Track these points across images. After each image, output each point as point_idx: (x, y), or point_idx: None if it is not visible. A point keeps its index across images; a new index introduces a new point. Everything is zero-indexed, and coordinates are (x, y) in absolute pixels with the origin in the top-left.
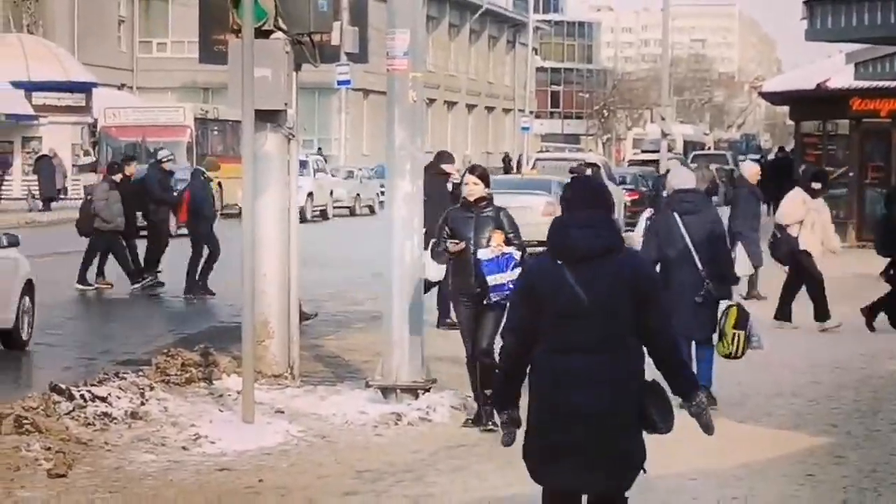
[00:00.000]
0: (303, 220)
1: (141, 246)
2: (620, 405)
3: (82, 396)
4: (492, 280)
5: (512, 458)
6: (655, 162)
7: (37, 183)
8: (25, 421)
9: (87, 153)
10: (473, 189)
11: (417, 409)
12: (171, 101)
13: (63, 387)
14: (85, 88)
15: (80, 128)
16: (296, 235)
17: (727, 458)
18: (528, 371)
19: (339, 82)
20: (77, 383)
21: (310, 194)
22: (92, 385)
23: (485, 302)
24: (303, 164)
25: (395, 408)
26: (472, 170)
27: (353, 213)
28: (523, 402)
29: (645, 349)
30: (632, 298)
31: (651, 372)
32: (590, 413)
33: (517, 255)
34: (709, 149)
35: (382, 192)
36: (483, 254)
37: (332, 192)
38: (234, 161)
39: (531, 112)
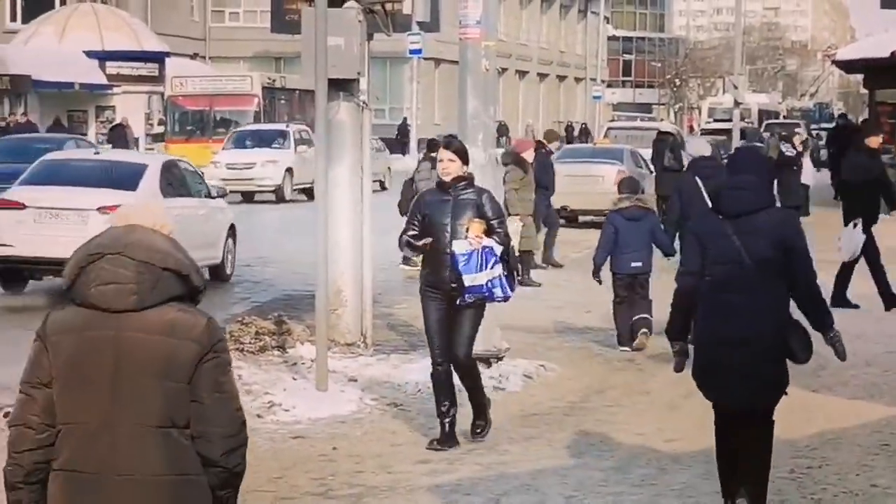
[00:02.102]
0: (280, 199)
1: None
2: (767, 336)
3: None
4: (468, 279)
5: (583, 426)
6: (728, 131)
7: None
8: None
9: (160, 122)
10: (448, 167)
11: (490, 377)
12: (243, 70)
13: None
14: (158, 58)
15: (154, 97)
16: (368, 204)
17: (801, 428)
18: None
19: (411, 51)
20: None
21: (288, 170)
22: None
23: (458, 302)
24: (282, 135)
25: None
26: (447, 144)
27: None
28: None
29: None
30: (778, 247)
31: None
32: (743, 341)
33: (498, 248)
34: (783, 118)
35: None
36: (458, 247)
37: None
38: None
39: (603, 81)
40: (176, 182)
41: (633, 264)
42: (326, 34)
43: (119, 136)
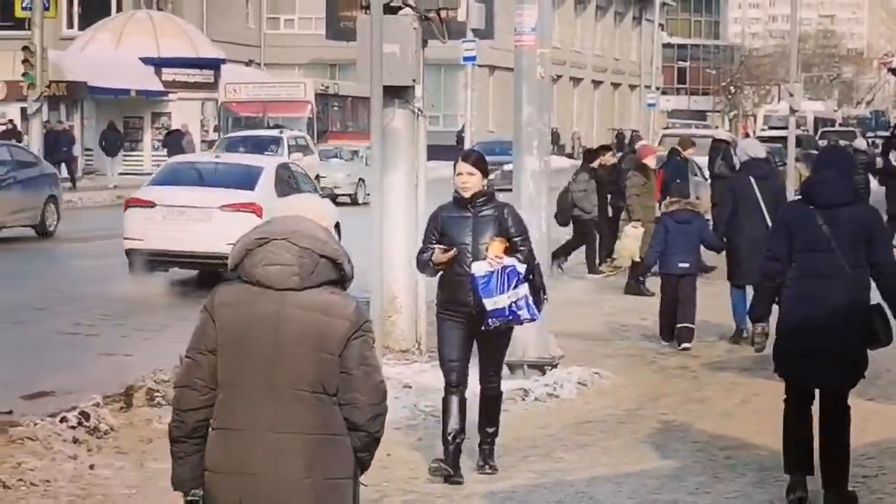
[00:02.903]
0: None
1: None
2: (851, 321)
3: None
4: (489, 303)
5: (638, 434)
6: (783, 139)
7: (166, 158)
8: (157, 393)
9: (216, 129)
10: (468, 181)
11: (544, 384)
12: (298, 77)
13: None
14: (213, 64)
15: (208, 104)
16: (423, 210)
17: (857, 437)
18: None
19: (466, 58)
20: None
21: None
22: None
23: (483, 328)
24: (275, 142)
25: (522, 383)
26: (466, 156)
27: (354, 201)
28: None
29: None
30: (862, 238)
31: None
32: (830, 324)
33: (521, 268)
34: (839, 125)
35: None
36: (477, 268)
37: (318, 177)
38: (353, 137)
39: (657, 88)
40: (288, 182)
41: (681, 265)
42: (382, 41)
43: (175, 141)
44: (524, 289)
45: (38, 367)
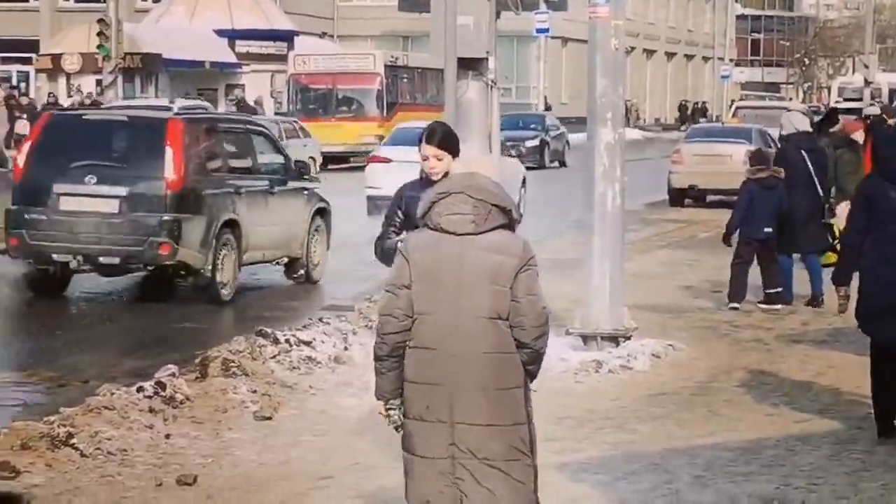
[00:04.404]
0: None
1: None
2: None
3: (287, 341)
4: None
5: (712, 406)
6: (858, 111)
7: None
8: (232, 364)
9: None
10: (436, 167)
11: (618, 356)
12: (371, 49)
13: (269, 331)
14: (286, 37)
15: (278, 76)
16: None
17: None
18: None
19: (538, 30)
20: (282, 328)
21: None
22: (297, 330)
23: None
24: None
25: (596, 355)
26: (430, 136)
27: None
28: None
29: None
30: None
31: None
32: None
33: None
34: None
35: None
36: None
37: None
38: (422, 109)
39: (731, 60)
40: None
41: (766, 230)
42: (456, 13)
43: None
44: None
45: (114, 336)
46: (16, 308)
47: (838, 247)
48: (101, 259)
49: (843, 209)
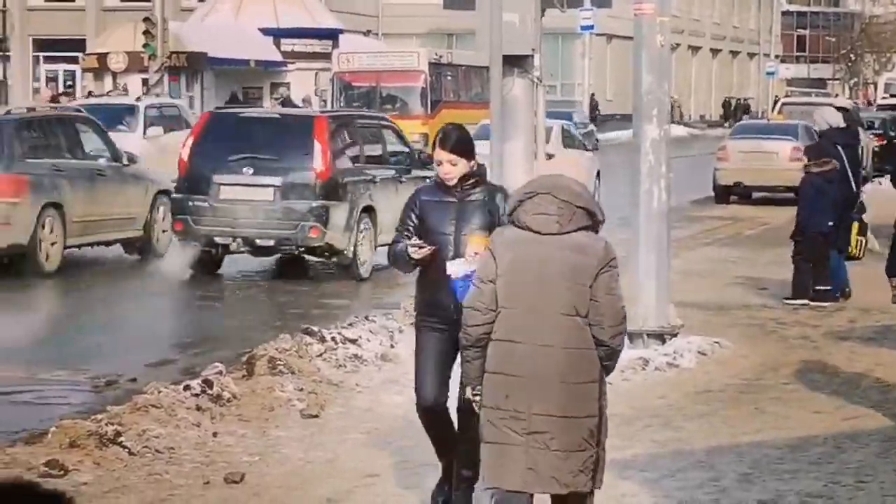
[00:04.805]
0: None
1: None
2: None
3: (333, 339)
4: None
5: (759, 404)
6: None
7: None
8: (279, 362)
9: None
10: (451, 172)
11: (664, 354)
12: (416, 46)
13: (315, 329)
14: (331, 35)
15: (322, 74)
16: None
17: None
18: None
19: (583, 27)
20: (329, 326)
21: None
22: (343, 328)
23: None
24: (130, 112)
25: (642, 353)
26: (444, 140)
27: None
28: None
29: None
30: None
31: None
32: None
33: None
34: None
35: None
36: (454, 268)
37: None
38: (466, 107)
39: (776, 56)
40: (570, 139)
41: (830, 223)
42: (501, 10)
43: None
44: None
45: (162, 334)
46: (58, 306)
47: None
48: (257, 241)
49: None
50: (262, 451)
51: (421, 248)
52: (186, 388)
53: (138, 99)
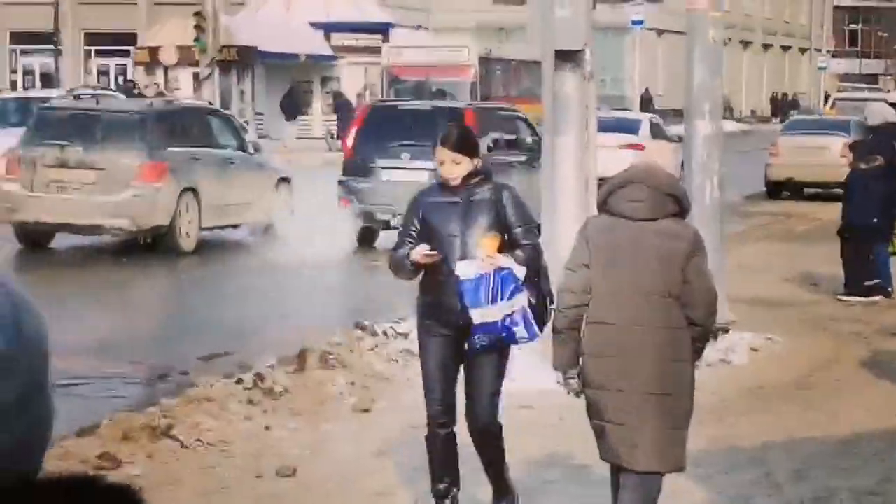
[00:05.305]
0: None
1: None
2: None
3: (385, 333)
4: (477, 315)
5: (811, 400)
6: None
7: (335, 123)
8: (330, 356)
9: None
10: (453, 171)
11: (717, 350)
12: (466, 41)
13: (366, 323)
14: (382, 29)
15: (371, 68)
16: (594, 176)
17: None
18: None
19: (633, 21)
20: (380, 320)
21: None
22: (394, 322)
23: (467, 346)
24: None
25: None
26: (445, 139)
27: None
28: None
29: None
30: None
31: None
32: None
33: (520, 271)
34: None
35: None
36: (463, 270)
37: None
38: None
39: (828, 52)
40: (659, 130)
41: (875, 219)
42: (554, 4)
43: (344, 106)
44: (522, 298)
45: (214, 328)
46: (102, 296)
47: None
48: None
49: None
50: (314, 444)
51: (430, 254)
52: (238, 381)
53: (71, 91)
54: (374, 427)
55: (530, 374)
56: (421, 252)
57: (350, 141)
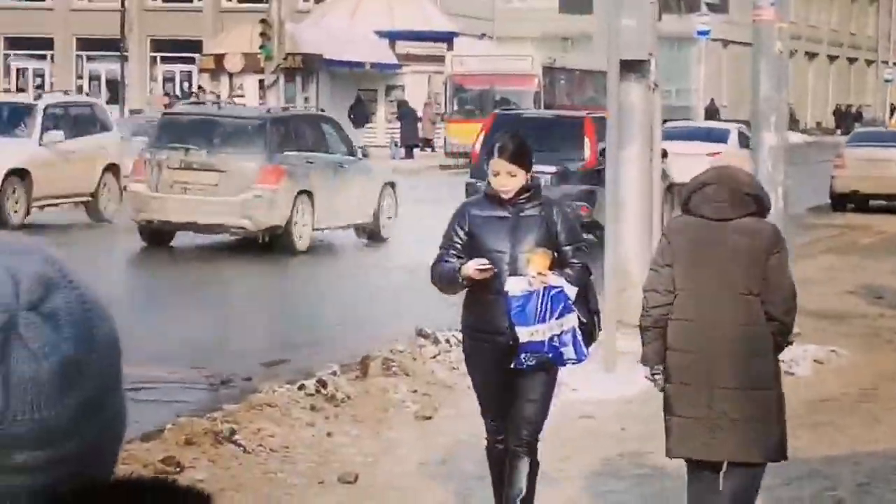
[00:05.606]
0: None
1: None
2: None
3: (447, 341)
4: (524, 334)
5: (876, 413)
6: None
7: (399, 131)
8: (393, 364)
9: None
10: (508, 184)
11: (780, 362)
12: (531, 50)
13: (429, 331)
14: (446, 37)
15: (435, 77)
16: (658, 184)
17: None
18: None
19: (699, 32)
20: (442, 328)
21: (18, 173)
22: (456, 329)
23: (514, 365)
24: (27, 113)
25: None
26: (502, 150)
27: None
28: None
29: None
30: None
31: None
32: None
33: (571, 290)
34: None
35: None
36: (512, 286)
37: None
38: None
39: (894, 63)
40: (747, 140)
41: None
42: (620, 14)
43: (407, 114)
44: (572, 319)
45: (277, 334)
46: (176, 301)
47: None
48: None
49: None
50: (376, 452)
51: (485, 268)
52: (301, 387)
53: (38, 98)
54: (436, 435)
55: (591, 383)
56: (474, 266)
57: (477, 146)
